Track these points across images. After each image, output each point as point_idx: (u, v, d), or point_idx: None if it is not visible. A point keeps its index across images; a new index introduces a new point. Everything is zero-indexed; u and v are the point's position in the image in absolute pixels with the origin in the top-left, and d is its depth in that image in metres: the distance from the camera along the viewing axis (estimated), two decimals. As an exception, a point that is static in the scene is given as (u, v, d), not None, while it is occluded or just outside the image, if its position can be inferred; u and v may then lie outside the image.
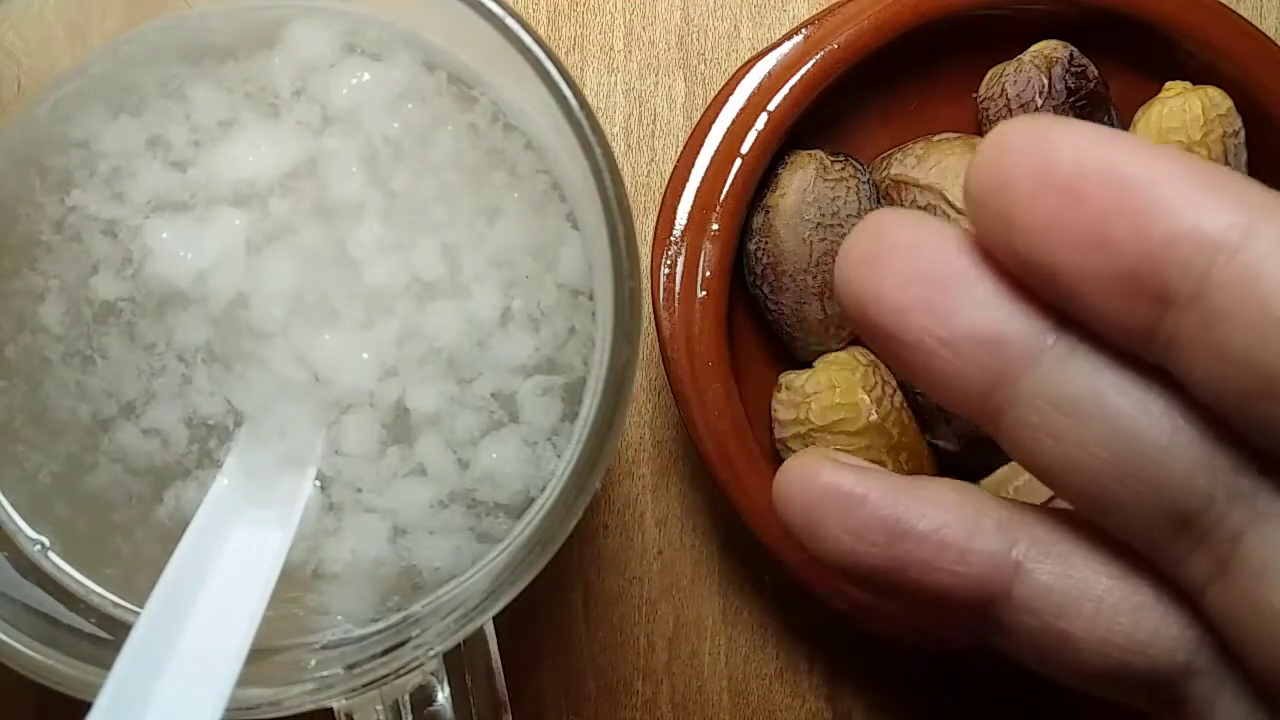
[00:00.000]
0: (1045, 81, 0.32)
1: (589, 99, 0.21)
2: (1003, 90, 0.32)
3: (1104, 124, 0.32)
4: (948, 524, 0.18)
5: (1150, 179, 0.15)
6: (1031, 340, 0.17)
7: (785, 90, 0.31)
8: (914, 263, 0.17)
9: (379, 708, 0.22)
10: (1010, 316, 0.17)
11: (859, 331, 0.18)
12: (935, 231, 0.17)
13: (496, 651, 0.23)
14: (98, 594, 0.23)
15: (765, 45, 0.31)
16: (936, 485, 0.19)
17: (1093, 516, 0.18)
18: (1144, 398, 0.17)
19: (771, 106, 0.31)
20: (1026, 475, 0.32)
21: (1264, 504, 0.16)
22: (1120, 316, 0.16)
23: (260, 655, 0.21)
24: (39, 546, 0.23)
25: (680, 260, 0.30)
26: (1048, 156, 0.16)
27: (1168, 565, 0.17)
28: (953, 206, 0.31)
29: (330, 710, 0.22)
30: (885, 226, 0.18)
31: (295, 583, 0.23)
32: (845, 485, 0.18)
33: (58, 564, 0.23)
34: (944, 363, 0.17)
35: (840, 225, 0.31)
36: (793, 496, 0.19)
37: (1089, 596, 0.18)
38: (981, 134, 0.33)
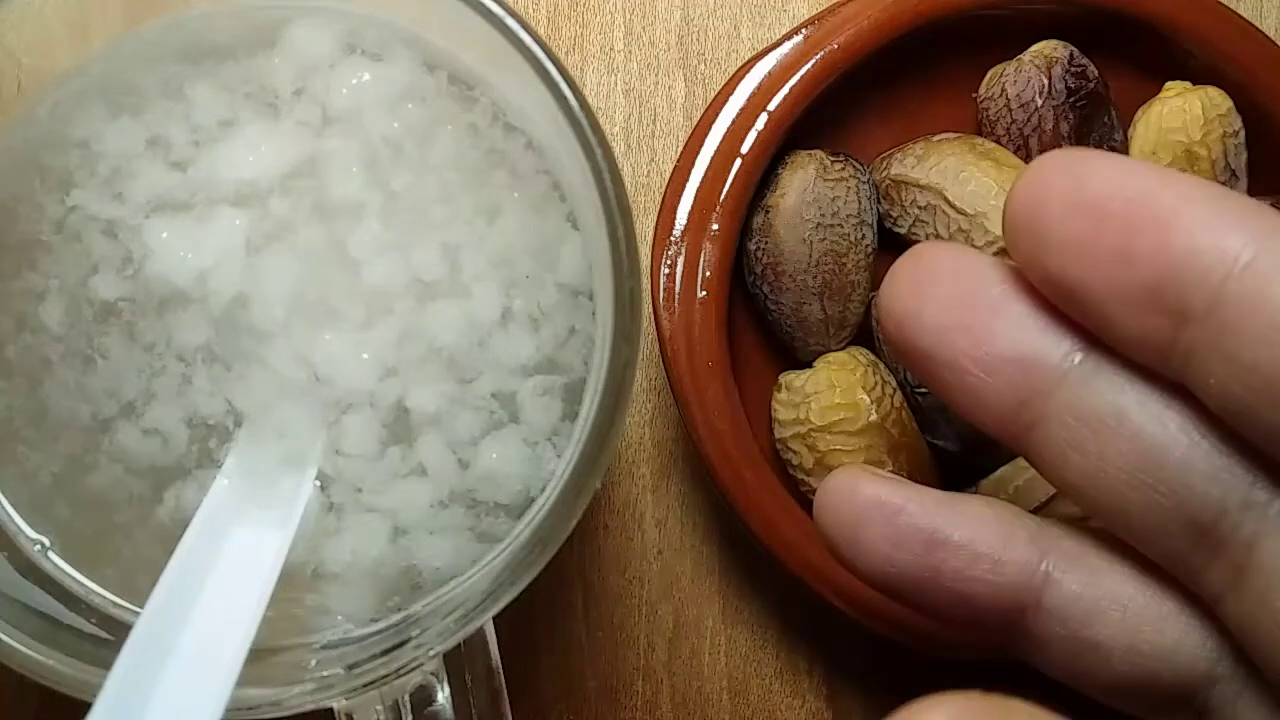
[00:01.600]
0: (1045, 81, 0.32)
1: (589, 99, 0.21)
2: (1002, 90, 0.32)
3: (1104, 124, 0.32)
4: (982, 535, 0.19)
5: (1171, 201, 0.16)
6: (1059, 359, 0.18)
7: (785, 90, 0.31)
8: (953, 287, 0.19)
9: (379, 708, 0.22)
10: (1040, 337, 0.18)
11: (899, 353, 0.19)
12: (973, 259, 0.19)
13: (496, 651, 0.23)
14: (98, 594, 0.23)
15: (765, 45, 0.31)
16: (970, 501, 0.20)
17: (1115, 528, 0.19)
18: (1163, 413, 0.18)
19: (771, 106, 0.31)
20: (1027, 475, 0.32)
21: (1276, 513, 0.17)
22: (1141, 331, 0.17)
23: (260, 655, 0.21)
24: (39, 546, 0.23)
25: (680, 260, 0.30)
26: (1079, 182, 0.17)
27: (1187, 575, 0.18)
28: (952, 206, 0.31)
29: (330, 710, 0.22)
30: (927, 254, 0.19)
31: (295, 583, 0.23)
32: (885, 496, 0.19)
33: (58, 564, 0.23)
34: (979, 382, 0.18)
35: (840, 225, 0.31)
36: (835, 507, 0.20)
37: (1116, 605, 0.19)
38: (981, 134, 0.33)
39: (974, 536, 0.19)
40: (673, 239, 0.31)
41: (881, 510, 0.19)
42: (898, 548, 0.19)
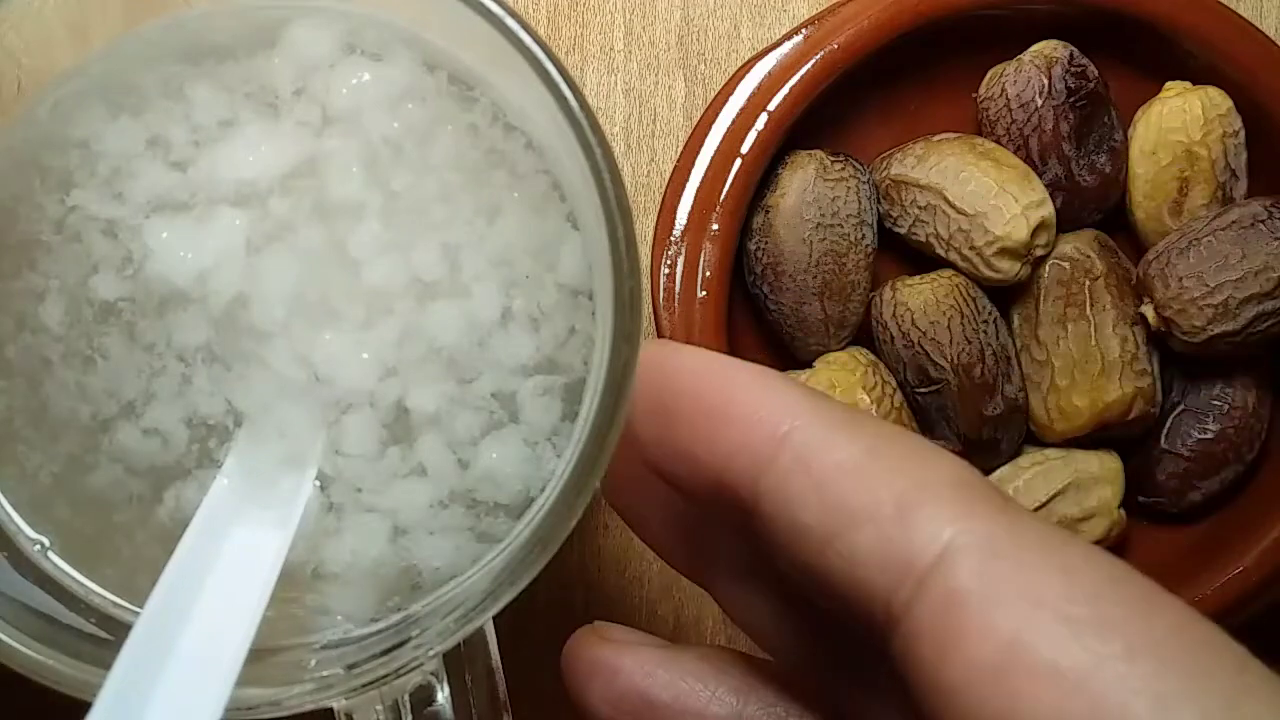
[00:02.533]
0: (1045, 81, 0.32)
1: (589, 99, 0.21)
2: (1003, 90, 0.32)
3: (1104, 124, 0.32)
4: (687, 691, 0.21)
5: (713, 397, 0.18)
6: (701, 539, 0.21)
7: (785, 90, 0.31)
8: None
9: (379, 708, 0.22)
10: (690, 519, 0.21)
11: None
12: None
13: (496, 651, 0.23)
14: (98, 594, 0.23)
15: (765, 45, 0.31)
16: (687, 654, 0.21)
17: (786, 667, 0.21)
18: (770, 589, 0.20)
19: (771, 106, 0.31)
20: (1027, 475, 0.32)
21: (859, 677, 0.19)
22: (727, 521, 0.19)
23: (260, 655, 0.21)
24: (39, 546, 0.23)
25: (680, 260, 0.31)
26: (656, 382, 0.19)
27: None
28: (952, 206, 0.31)
29: (330, 710, 0.22)
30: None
31: (295, 583, 0.23)
32: (604, 658, 0.21)
33: (58, 564, 0.23)
34: (658, 543, 0.22)
35: (840, 225, 0.31)
36: (567, 671, 0.21)
37: None
38: (981, 134, 0.33)
39: (680, 693, 0.20)
40: (673, 239, 0.31)
41: (603, 672, 0.21)
42: (618, 709, 0.21)
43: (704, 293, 0.31)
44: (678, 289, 0.30)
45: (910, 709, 0.16)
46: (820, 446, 0.17)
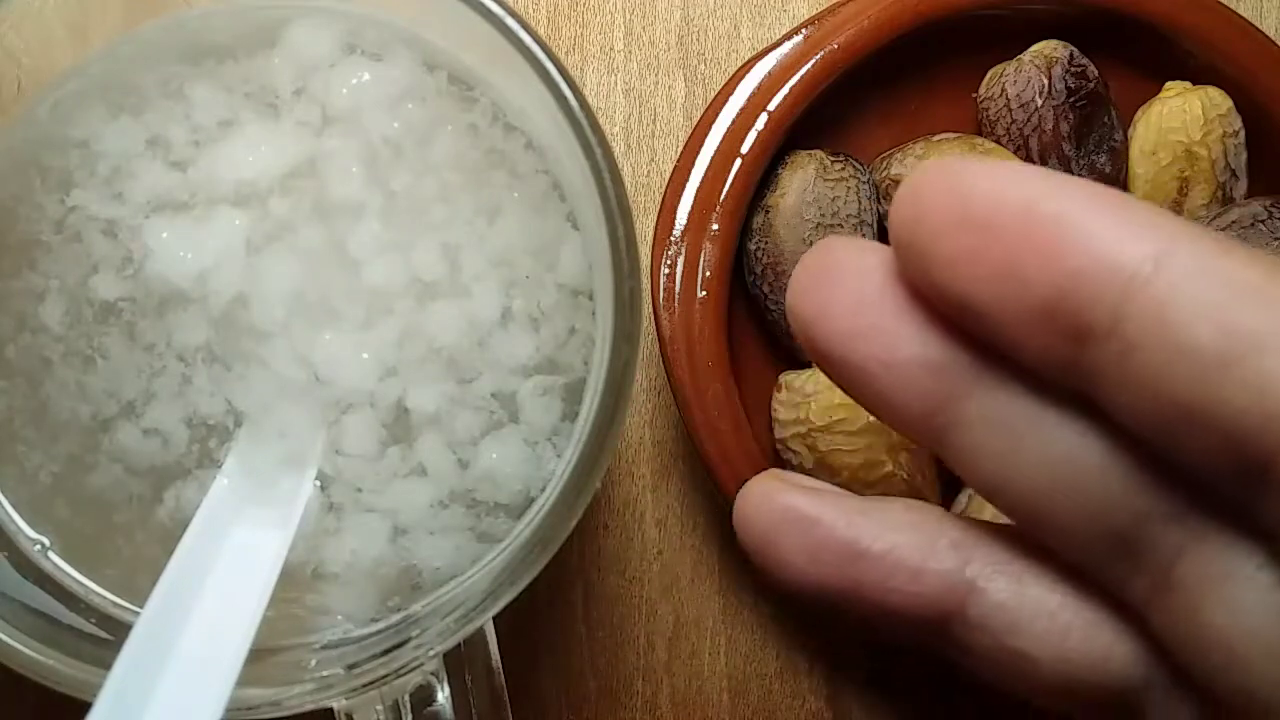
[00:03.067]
0: (1045, 81, 0.32)
1: (589, 99, 0.21)
2: (1003, 90, 0.32)
3: (1104, 124, 0.32)
4: (901, 544, 0.18)
5: (1060, 212, 0.15)
6: (969, 364, 0.17)
7: (785, 90, 0.31)
8: (858, 288, 0.17)
9: (379, 708, 0.22)
10: (949, 341, 0.17)
11: (809, 355, 0.18)
12: (877, 256, 0.18)
13: (496, 651, 0.23)
14: (98, 594, 0.23)
15: (765, 45, 0.31)
16: (891, 506, 0.19)
17: (1035, 535, 0.18)
18: (1076, 423, 0.17)
19: (771, 106, 0.31)
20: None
21: (1195, 526, 0.16)
22: (1040, 351, 0.16)
23: (260, 655, 0.21)
24: (39, 546, 0.23)
25: (680, 260, 0.30)
26: (961, 194, 0.16)
27: (1112, 585, 0.18)
28: (953, 206, 0.31)
29: (330, 710, 0.22)
30: (831, 251, 0.18)
31: (295, 583, 0.23)
32: (800, 507, 0.19)
33: (58, 564, 0.23)
34: (888, 387, 0.17)
35: (840, 225, 0.31)
36: (750, 518, 0.19)
37: (1043, 614, 0.18)
38: (981, 134, 0.33)
39: (893, 546, 0.18)
40: (673, 239, 0.31)
41: (798, 522, 0.19)
42: (815, 560, 0.19)
43: (704, 293, 0.31)
44: (678, 289, 0.30)
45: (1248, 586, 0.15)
46: (1212, 268, 0.15)
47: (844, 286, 0.17)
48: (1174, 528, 0.16)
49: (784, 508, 0.19)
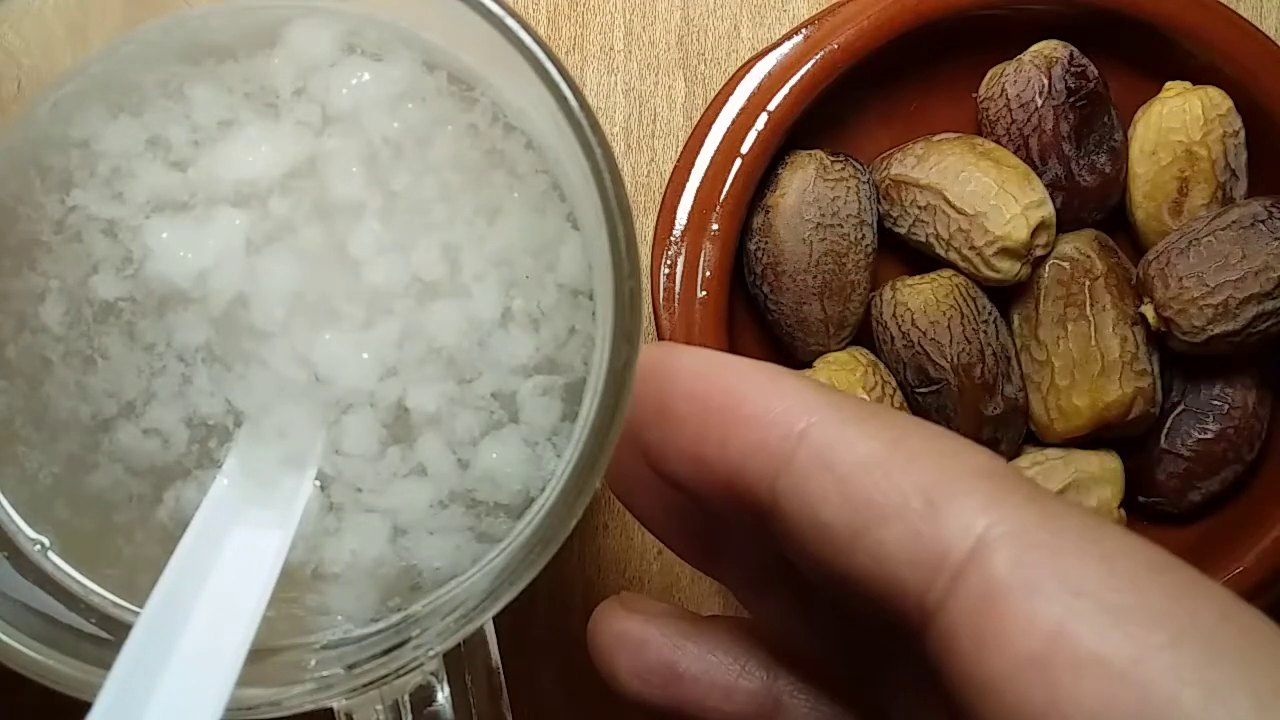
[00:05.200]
0: (1045, 81, 0.32)
1: (589, 99, 0.21)
2: (1003, 90, 0.32)
3: (1104, 124, 0.32)
4: (716, 665, 0.20)
5: (724, 399, 0.17)
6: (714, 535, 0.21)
7: (785, 90, 0.31)
8: (627, 457, 0.19)
9: (379, 708, 0.22)
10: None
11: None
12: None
13: (496, 651, 0.23)
14: (98, 594, 0.23)
15: (765, 45, 0.31)
16: (716, 627, 0.21)
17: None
18: (785, 586, 0.19)
19: (771, 106, 0.31)
20: (1026, 475, 0.32)
21: (891, 673, 0.18)
22: (739, 523, 0.18)
23: (260, 655, 0.21)
24: (39, 546, 0.23)
25: (680, 260, 0.31)
26: (660, 386, 0.18)
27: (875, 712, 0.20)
28: (952, 206, 0.31)
29: (330, 710, 0.22)
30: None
31: (295, 583, 0.23)
32: (630, 631, 0.21)
33: (58, 564, 0.23)
34: (667, 536, 0.22)
35: (840, 225, 0.31)
36: (592, 639, 0.21)
37: None
38: (981, 134, 0.33)
39: (708, 667, 0.20)
40: (673, 239, 0.31)
41: (629, 644, 0.21)
42: (645, 681, 0.20)
43: (704, 293, 0.31)
44: (678, 289, 0.30)
45: (939, 702, 0.16)
46: (840, 441, 0.16)
47: (630, 453, 0.19)
48: (882, 673, 0.19)
49: (618, 631, 0.21)
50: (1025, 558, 0.15)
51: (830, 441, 0.16)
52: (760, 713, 0.20)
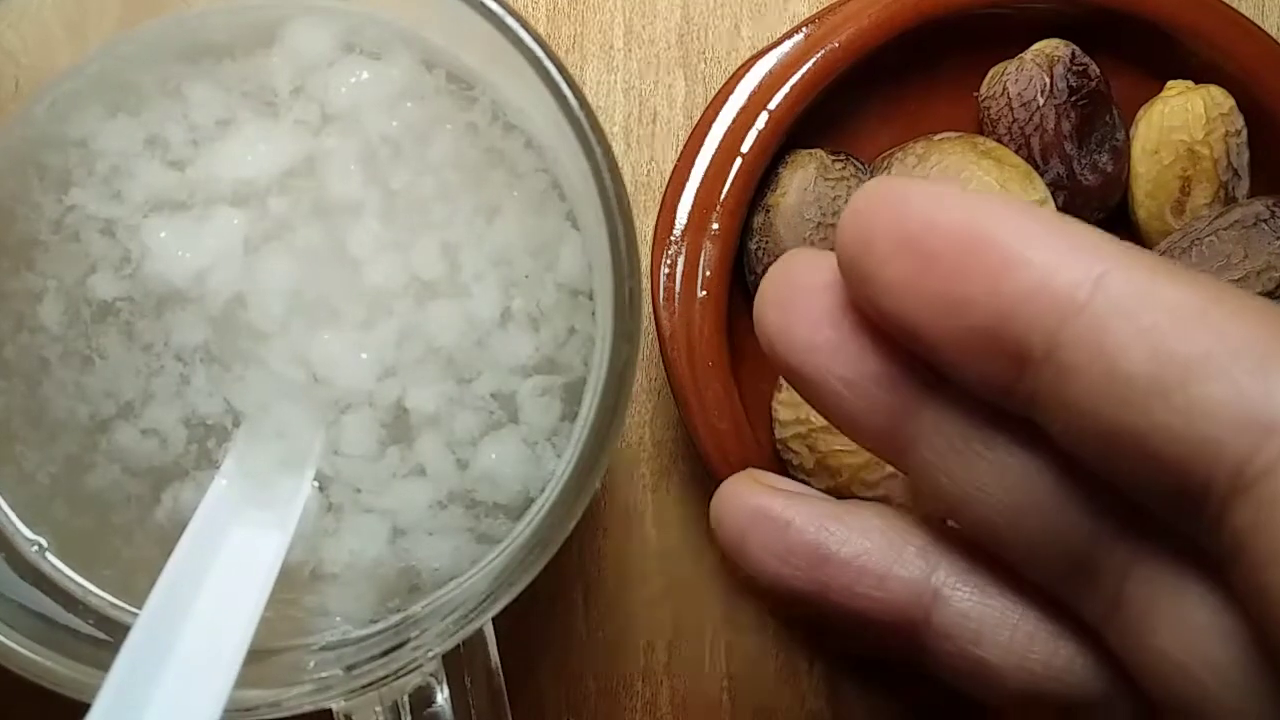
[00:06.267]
0: (1047, 80, 0.31)
1: (589, 98, 0.20)
2: (1004, 89, 0.32)
3: (1106, 123, 0.32)
4: (869, 550, 0.19)
5: (1001, 237, 0.15)
6: (924, 384, 0.17)
7: (786, 89, 0.31)
8: (821, 302, 0.18)
9: (378, 709, 0.22)
10: (905, 361, 0.17)
11: (776, 368, 0.19)
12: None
13: (496, 652, 0.23)
14: (96, 595, 0.23)
15: (766, 44, 0.31)
16: (862, 511, 0.19)
17: (995, 552, 0.18)
18: (1026, 446, 0.17)
19: (772, 105, 0.31)
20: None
21: (1143, 548, 0.16)
22: (980, 376, 0.16)
23: (259, 656, 0.21)
24: (37, 547, 0.23)
25: (680, 260, 0.30)
26: (904, 218, 0.16)
27: (1070, 601, 0.18)
28: (954, 206, 0.31)
29: (329, 711, 0.21)
30: (797, 268, 0.18)
31: (294, 583, 0.23)
32: (772, 508, 0.19)
33: (56, 565, 0.23)
34: (848, 403, 0.18)
35: (841, 224, 0.31)
36: (724, 517, 0.20)
37: (1005, 625, 0.18)
38: (982, 133, 0.33)
39: (860, 551, 0.19)
40: (673, 239, 0.30)
41: (769, 523, 0.19)
42: (785, 562, 0.19)
43: (704, 293, 0.30)
44: (678, 289, 0.30)
45: (1179, 604, 0.15)
46: (1148, 290, 0.15)
47: (804, 301, 0.18)
48: (1122, 549, 0.17)
49: (756, 508, 0.19)
50: None
51: (1136, 289, 0.15)
52: (918, 603, 0.19)
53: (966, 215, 0.16)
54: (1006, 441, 0.17)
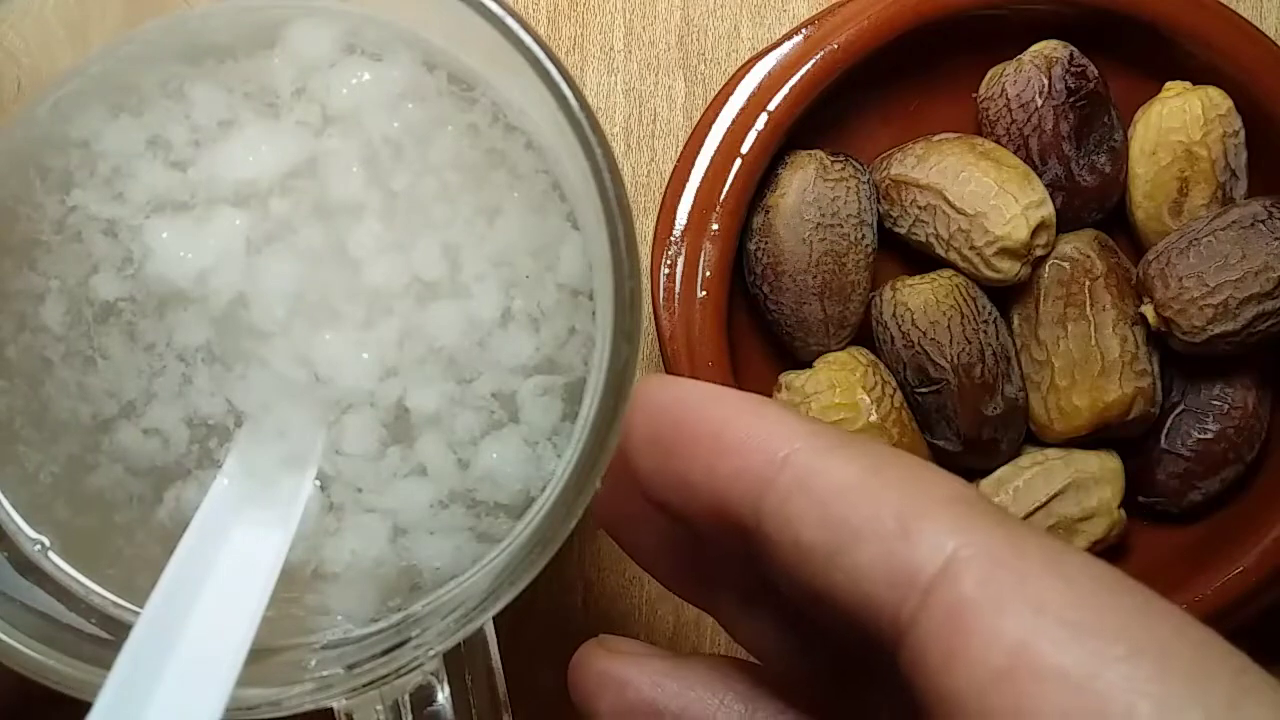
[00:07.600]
0: (1045, 81, 0.32)
1: (589, 99, 0.21)
2: (1003, 90, 0.32)
3: (1104, 124, 0.32)
4: (693, 700, 0.21)
5: (718, 428, 0.18)
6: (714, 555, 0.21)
7: (785, 90, 0.31)
8: (621, 474, 0.20)
9: (379, 708, 0.22)
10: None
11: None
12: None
13: (496, 651, 0.23)
14: (98, 594, 0.23)
15: (765, 45, 0.31)
16: (697, 664, 0.21)
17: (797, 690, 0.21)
18: (779, 602, 0.20)
19: (771, 106, 0.31)
20: (1026, 475, 0.32)
21: (887, 687, 0.18)
22: (728, 546, 0.19)
23: (260, 655, 0.21)
24: (39, 546, 0.23)
25: (680, 260, 0.31)
26: (654, 414, 0.19)
27: None
28: (952, 206, 0.31)
29: (330, 710, 0.22)
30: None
31: (295, 583, 0.23)
32: (611, 671, 0.21)
33: (58, 564, 0.23)
34: (660, 571, 0.23)
35: (840, 225, 0.31)
36: (575, 684, 0.22)
37: None
38: (981, 134, 0.33)
39: (687, 703, 0.21)
40: (673, 239, 0.31)
41: (610, 684, 0.21)
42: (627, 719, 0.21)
43: (704, 293, 0.31)
44: (678, 289, 0.30)
45: (914, 718, 0.16)
46: (820, 467, 0.17)
47: (624, 472, 0.20)
48: (875, 692, 0.19)
49: (600, 672, 0.21)
50: (991, 576, 0.16)
51: (811, 467, 0.17)
52: None
53: (693, 411, 0.19)
54: (759, 609, 0.20)
